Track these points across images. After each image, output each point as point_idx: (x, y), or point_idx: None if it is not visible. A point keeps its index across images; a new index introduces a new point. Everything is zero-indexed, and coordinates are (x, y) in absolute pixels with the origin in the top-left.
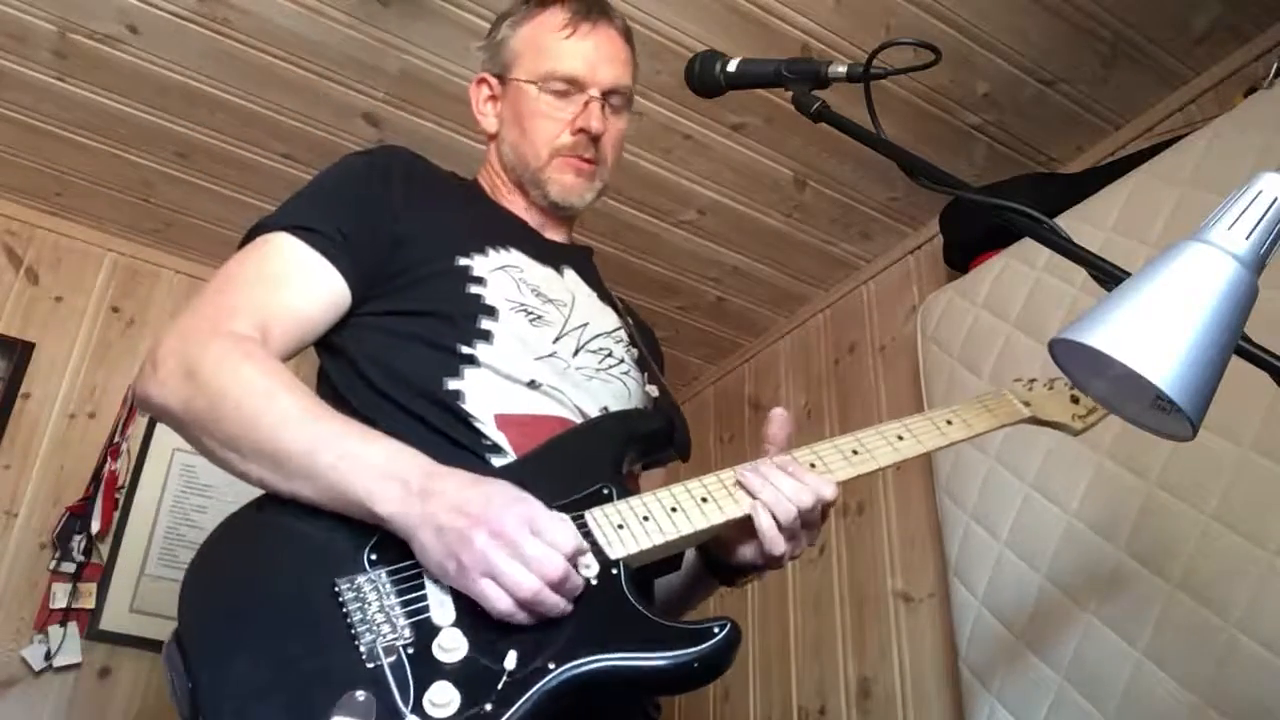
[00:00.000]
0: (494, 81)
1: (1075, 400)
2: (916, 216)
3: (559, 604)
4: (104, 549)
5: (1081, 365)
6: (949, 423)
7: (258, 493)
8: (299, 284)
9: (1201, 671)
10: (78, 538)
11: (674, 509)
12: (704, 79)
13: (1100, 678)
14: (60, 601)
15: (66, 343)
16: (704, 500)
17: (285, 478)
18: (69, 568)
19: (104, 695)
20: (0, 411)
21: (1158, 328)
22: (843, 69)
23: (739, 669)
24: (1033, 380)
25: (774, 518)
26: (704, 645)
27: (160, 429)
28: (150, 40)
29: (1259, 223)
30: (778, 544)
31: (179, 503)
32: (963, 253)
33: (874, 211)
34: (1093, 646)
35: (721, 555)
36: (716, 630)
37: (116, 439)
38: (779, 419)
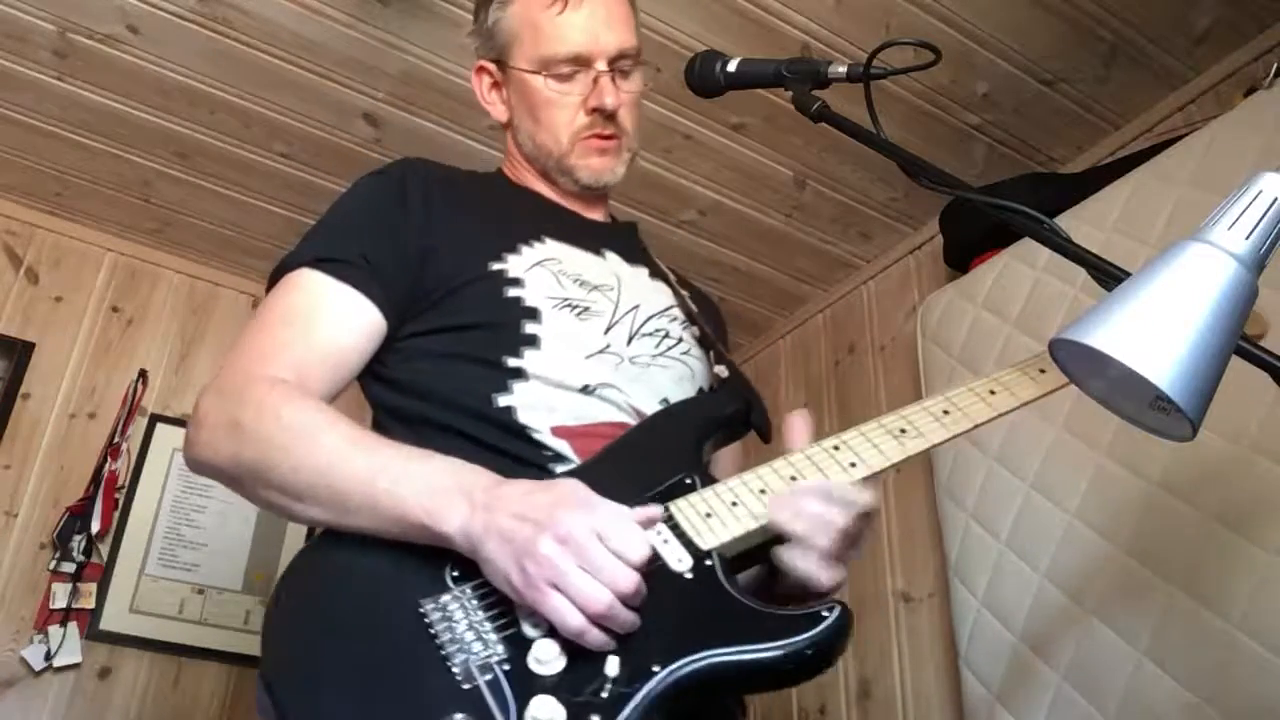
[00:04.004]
0: (493, 68)
1: None
2: (916, 216)
3: (631, 621)
4: (104, 549)
5: (1081, 365)
6: (993, 393)
7: None
8: (330, 319)
9: (1201, 671)
10: (78, 538)
11: (763, 490)
12: (704, 79)
13: (1100, 678)
14: (60, 601)
15: (66, 343)
16: (793, 479)
17: (344, 513)
18: (69, 568)
19: (104, 695)
20: (0, 411)
21: (1158, 328)
22: (843, 69)
23: None
24: None
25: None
26: (816, 630)
27: (161, 429)
28: (150, 40)
29: (1259, 223)
30: (819, 575)
31: (179, 503)
32: (963, 253)
33: (874, 211)
34: (1093, 646)
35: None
36: (825, 614)
37: (116, 439)
38: (803, 425)
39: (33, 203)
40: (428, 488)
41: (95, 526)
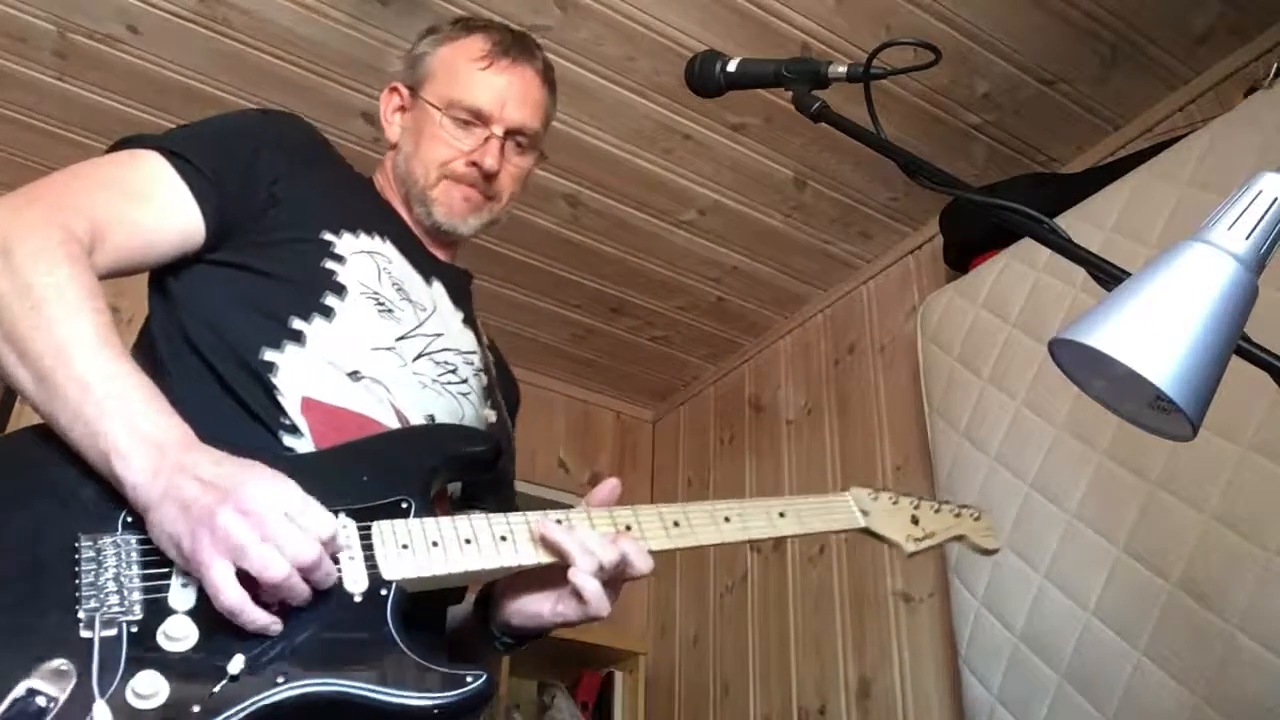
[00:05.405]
0: (405, 93)
1: (915, 521)
2: (916, 216)
3: (304, 594)
4: None
5: (1081, 365)
6: (782, 515)
7: None
8: (155, 204)
9: (1201, 671)
10: None
11: (468, 540)
12: (704, 79)
13: (1100, 678)
14: None
15: None
16: (502, 539)
17: (47, 399)
18: None
19: None
20: (0, 411)
21: (1158, 328)
22: (843, 69)
23: (739, 668)
24: (882, 490)
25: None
26: (449, 695)
27: None
28: (150, 40)
29: (1259, 223)
30: (602, 605)
31: None
32: (963, 253)
33: (874, 211)
34: (1093, 646)
35: (505, 616)
36: (469, 680)
37: None
38: (609, 489)
39: None
40: (131, 426)
41: None
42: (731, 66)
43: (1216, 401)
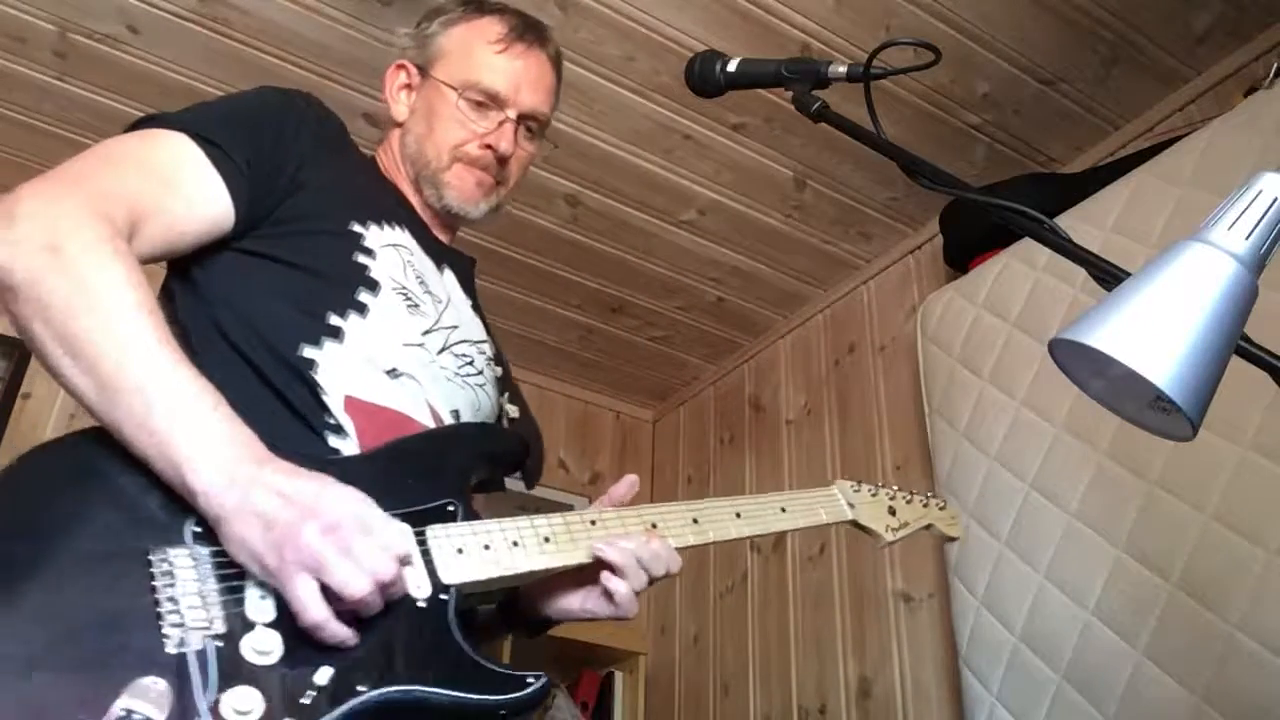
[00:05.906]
0: (414, 71)
1: (892, 512)
2: (916, 216)
3: (378, 609)
4: None
5: (1081, 365)
6: (783, 510)
7: None
8: (187, 192)
9: (1201, 671)
10: None
11: (516, 543)
12: (704, 79)
13: (1100, 678)
14: None
15: None
16: (546, 540)
17: (110, 405)
18: None
19: None
20: (0, 411)
21: (1158, 328)
22: (843, 69)
23: (739, 667)
24: (861, 483)
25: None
26: (514, 695)
27: None
28: (150, 40)
29: (1259, 223)
30: (632, 608)
31: None
32: (963, 253)
33: (874, 211)
34: (1093, 646)
35: (537, 606)
36: (531, 681)
37: None
38: (628, 486)
39: None
40: (201, 435)
41: None
42: (731, 66)
43: (1216, 401)
